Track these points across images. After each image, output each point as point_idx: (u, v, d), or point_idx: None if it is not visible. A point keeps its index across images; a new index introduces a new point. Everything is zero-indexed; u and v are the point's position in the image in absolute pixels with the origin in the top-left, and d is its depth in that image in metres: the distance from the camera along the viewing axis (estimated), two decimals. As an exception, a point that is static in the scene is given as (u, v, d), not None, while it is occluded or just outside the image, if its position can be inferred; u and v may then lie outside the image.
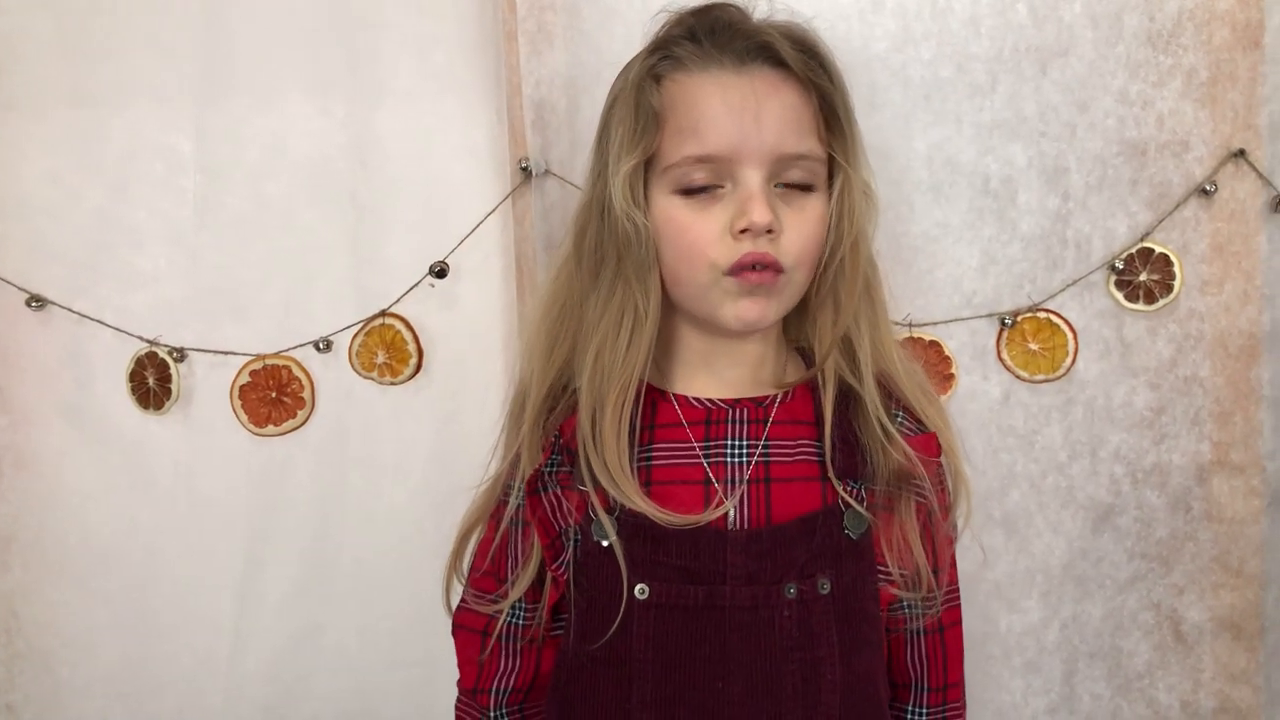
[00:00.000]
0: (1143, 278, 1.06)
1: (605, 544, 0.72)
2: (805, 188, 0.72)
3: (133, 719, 1.20)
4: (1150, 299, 1.06)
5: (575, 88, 1.07)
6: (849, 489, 0.74)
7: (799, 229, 0.71)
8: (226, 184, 1.13)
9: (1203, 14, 1.02)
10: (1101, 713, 1.12)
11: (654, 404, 0.77)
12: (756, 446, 0.75)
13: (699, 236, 0.70)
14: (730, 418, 0.76)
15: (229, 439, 1.15)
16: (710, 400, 0.77)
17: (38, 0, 1.13)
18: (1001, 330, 1.08)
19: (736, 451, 0.75)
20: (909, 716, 0.82)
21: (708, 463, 0.75)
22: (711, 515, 0.71)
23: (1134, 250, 1.05)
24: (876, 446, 0.74)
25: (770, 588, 0.71)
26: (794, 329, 0.80)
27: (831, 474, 0.73)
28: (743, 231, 0.69)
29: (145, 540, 1.18)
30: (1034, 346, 1.07)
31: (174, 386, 1.14)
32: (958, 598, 0.84)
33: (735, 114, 0.69)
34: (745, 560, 0.71)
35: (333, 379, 1.14)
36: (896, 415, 0.77)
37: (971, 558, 1.10)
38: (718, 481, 0.74)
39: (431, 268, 1.10)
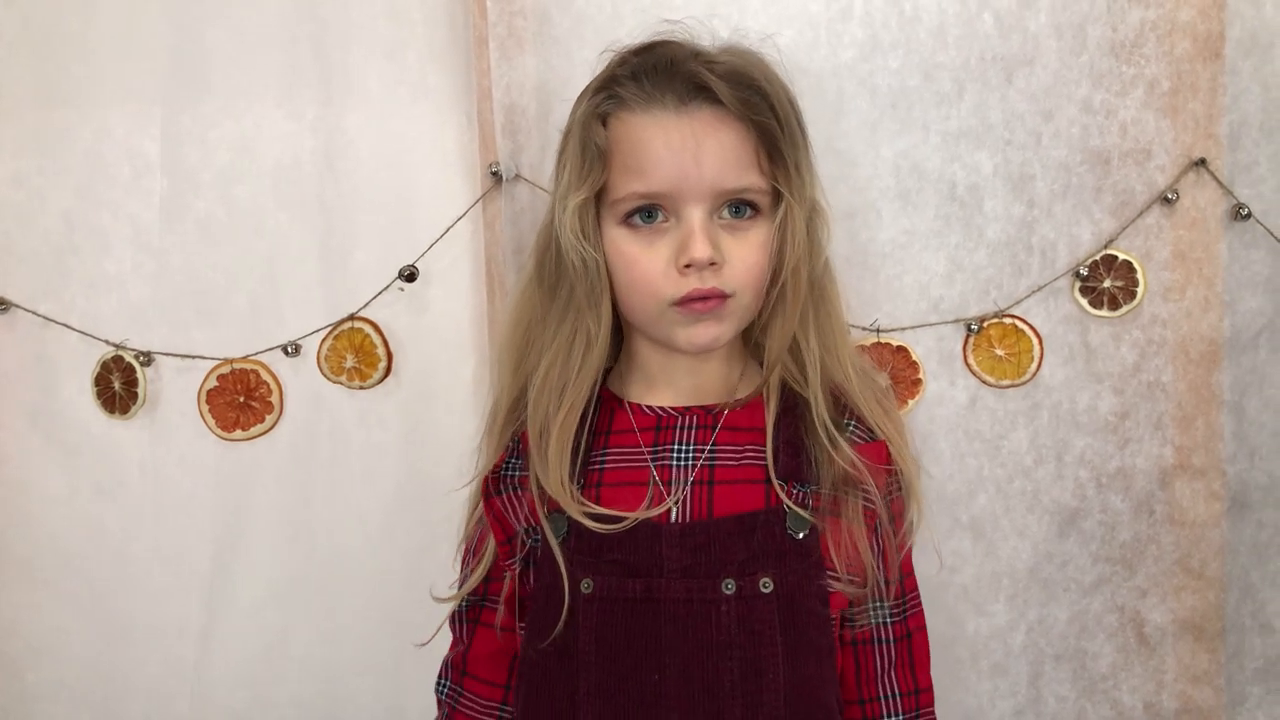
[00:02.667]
0: (1107, 284, 1.07)
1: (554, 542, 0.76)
2: (749, 215, 0.76)
3: (98, 725, 1.20)
4: (1114, 305, 1.07)
5: (546, 93, 1.07)
6: (794, 492, 0.76)
7: (742, 258, 0.74)
8: (194, 187, 1.12)
9: (1164, 25, 1.04)
10: (1067, 714, 1.13)
11: (612, 412, 0.81)
12: (703, 451, 0.77)
13: (646, 270, 0.74)
14: (680, 424, 0.80)
15: (196, 443, 1.15)
16: (663, 408, 0.81)
17: (4, 1, 1.12)
18: (968, 336, 1.09)
19: (682, 455, 0.78)
20: None
21: (655, 466, 0.78)
22: (647, 513, 0.74)
23: (1098, 257, 1.07)
24: (821, 452, 0.76)
25: (706, 582, 0.73)
26: (753, 340, 0.84)
27: (773, 476, 0.76)
28: (686, 266, 0.72)
29: (112, 545, 1.17)
30: (1000, 352, 1.09)
31: (141, 390, 1.13)
32: (919, 603, 0.85)
33: (675, 154, 0.72)
34: (680, 554, 0.74)
35: (301, 383, 1.14)
36: (848, 424, 0.80)
37: (937, 562, 1.12)
38: (663, 483, 0.77)
39: (401, 272, 1.10)
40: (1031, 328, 1.08)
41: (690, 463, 0.78)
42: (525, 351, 0.81)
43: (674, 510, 0.76)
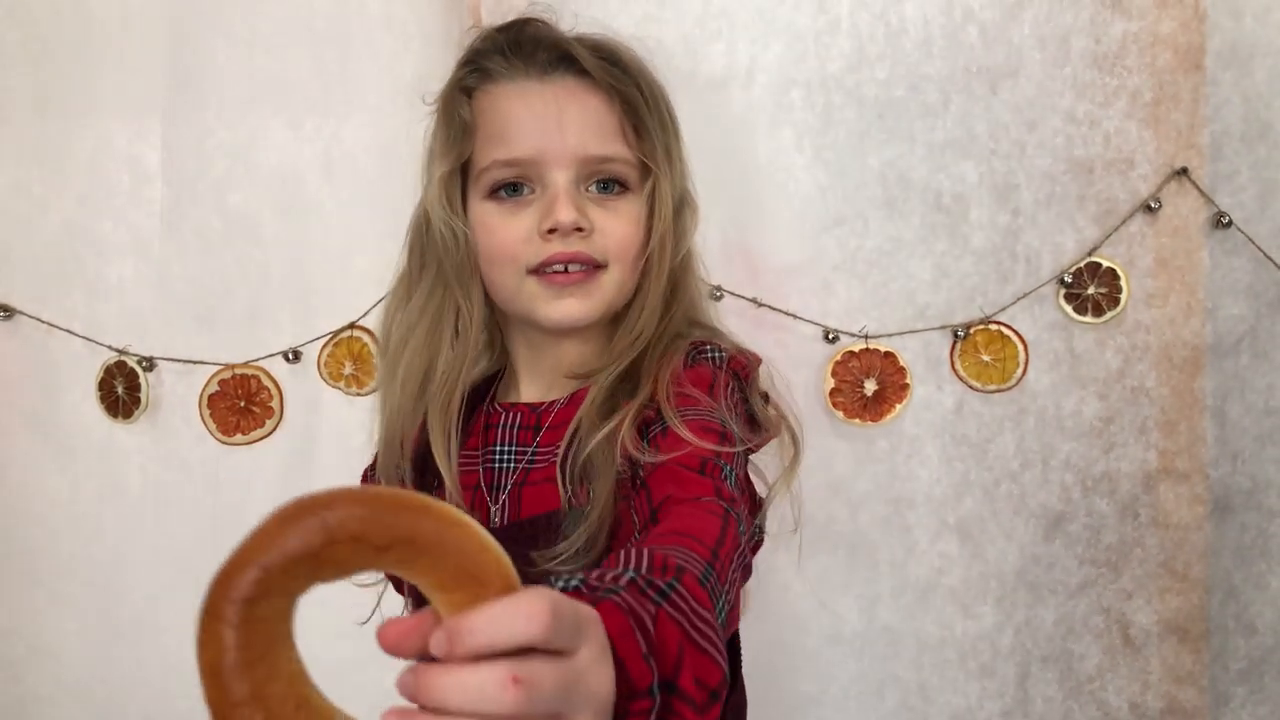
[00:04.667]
0: (1091, 291, 1.09)
1: None
2: (618, 191, 0.74)
3: (99, 726, 1.21)
4: (1098, 312, 1.09)
5: (540, 103, 1.09)
6: (586, 489, 0.70)
7: (613, 227, 0.73)
8: (194, 195, 1.14)
9: (1146, 37, 1.06)
10: (1053, 715, 1.14)
11: (476, 414, 0.79)
12: (526, 452, 0.75)
13: (506, 237, 0.72)
14: (502, 423, 0.77)
15: (197, 448, 1.16)
16: (493, 406, 0.79)
17: (4, 11, 1.15)
18: (954, 342, 1.11)
19: (504, 456, 0.76)
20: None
21: (482, 468, 0.77)
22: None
23: (1082, 264, 1.09)
24: (601, 449, 0.69)
25: None
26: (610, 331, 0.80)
27: (559, 476, 0.71)
28: (550, 231, 0.70)
29: (113, 548, 1.19)
30: (986, 358, 1.10)
31: (143, 395, 1.15)
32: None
33: (539, 119, 0.72)
34: None
35: (301, 389, 1.15)
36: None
37: (928, 564, 1.14)
38: (486, 487, 0.76)
39: (398, 279, 1.11)
40: (1017, 334, 1.10)
41: (511, 464, 0.76)
42: (399, 349, 0.78)
43: (494, 513, 0.74)
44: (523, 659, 0.33)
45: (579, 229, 0.71)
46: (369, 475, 0.82)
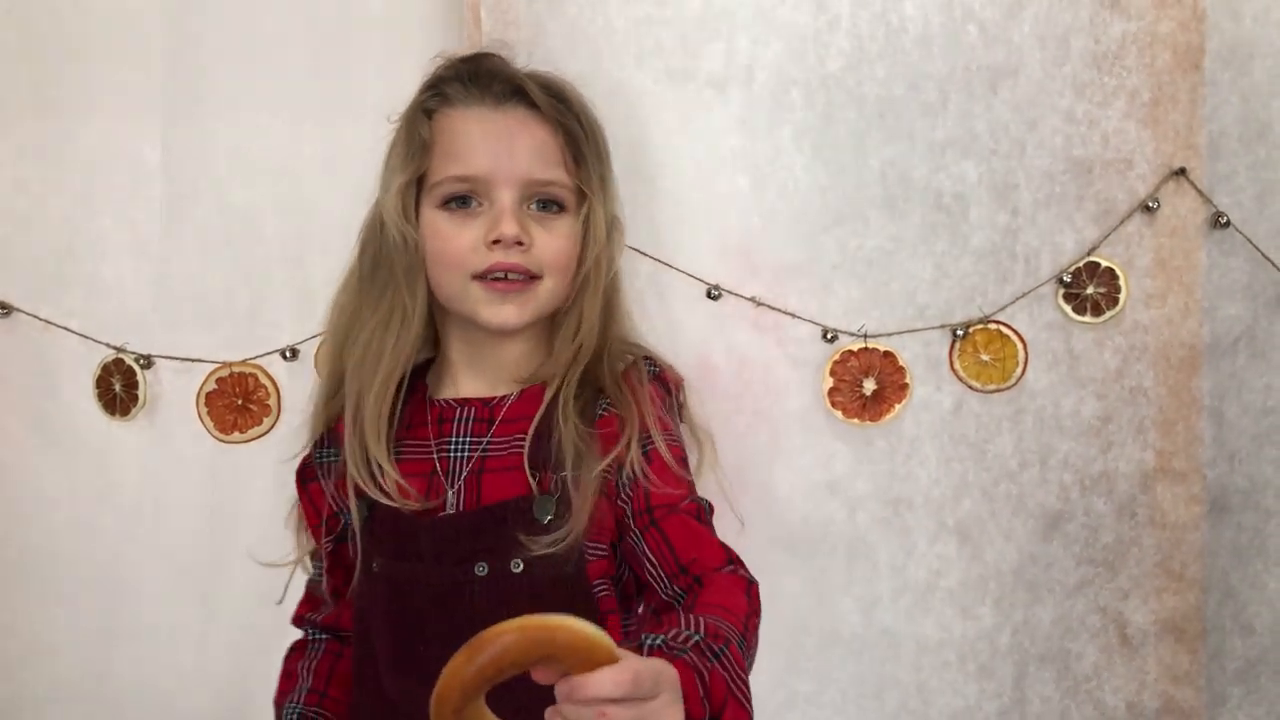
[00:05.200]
0: (1090, 291, 1.09)
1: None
2: (556, 211, 0.85)
3: (96, 725, 1.21)
4: (1097, 311, 1.09)
5: (539, 102, 1.09)
6: (552, 478, 0.82)
7: (549, 243, 0.83)
8: (193, 194, 1.14)
9: (1145, 37, 1.06)
10: (1051, 715, 1.15)
11: (417, 405, 0.88)
12: (480, 443, 0.84)
13: (457, 245, 0.82)
14: (457, 416, 0.86)
15: (195, 446, 1.16)
16: (445, 400, 0.87)
17: (2, 9, 1.14)
18: (954, 341, 1.11)
19: (459, 447, 0.85)
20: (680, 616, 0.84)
21: (437, 457, 0.85)
22: (424, 504, 0.81)
23: (1081, 264, 1.09)
24: (570, 438, 0.82)
25: (457, 567, 0.81)
26: (550, 338, 0.90)
27: (525, 464, 0.82)
28: (495, 242, 0.81)
29: (110, 546, 1.18)
30: (985, 357, 1.10)
31: (141, 393, 1.15)
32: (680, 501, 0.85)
33: (492, 143, 0.82)
34: (433, 542, 0.81)
35: (298, 387, 1.15)
36: (602, 404, 0.85)
37: (927, 565, 1.14)
38: (443, 474, 0.84)
39: (397, 277, 1.11)
40: (1016, 333, 1.10)
41: (465, 454, 0.84)
42: (345, 339, 0.88)
43: (450, 500, 0.82)
44: (613, 703, 0.53)
45: (519, 243, 0.81)
46: (302, 474, 0.92)
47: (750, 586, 0.79)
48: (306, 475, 0.92)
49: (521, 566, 0.79)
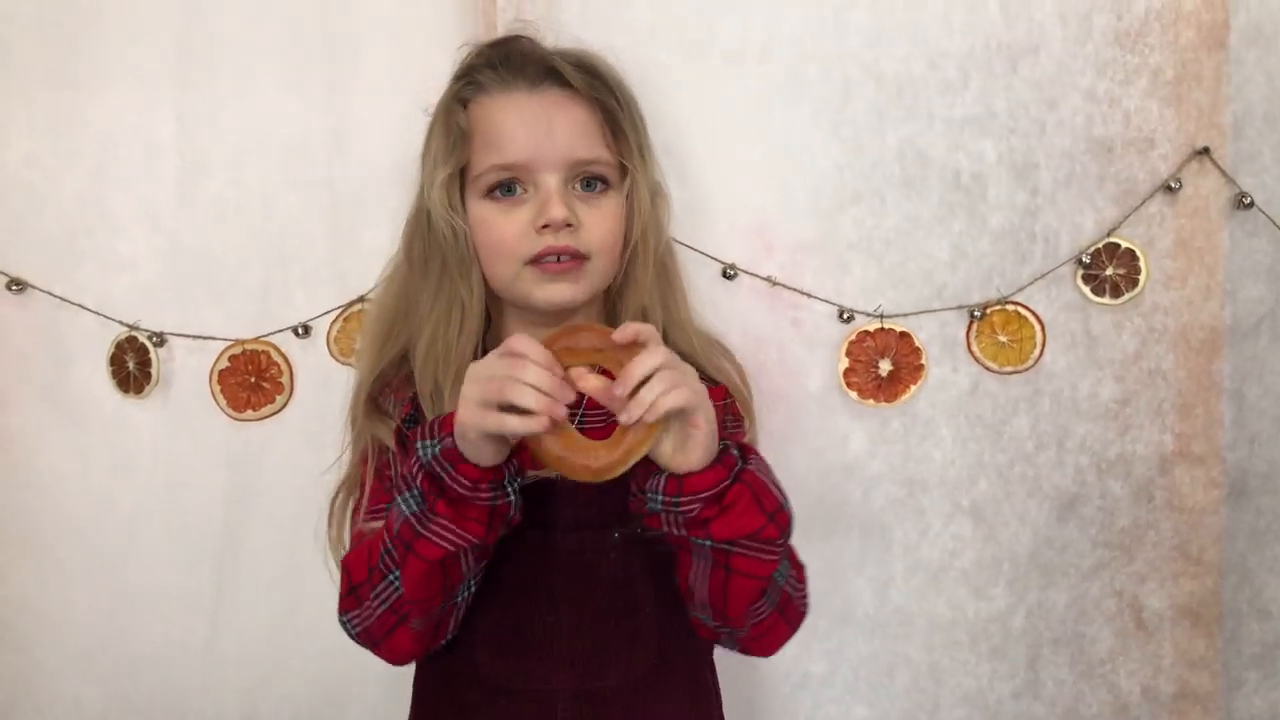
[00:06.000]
0: (1109, 272, 1.08)
1: None
2: (600, 189, 0.84)
3: (108, 700, 1.21)
4: (1116, 293, 1.08)
5: (554, 78, 1.08)
6: None
7: (597, 223, 0.82)
8: (206, 169, 1.13)
9: (1169, 14, 1.05)
10: (1064, 698, 1.14)
11: None
12: (575, 415, 0.81)
13: (505, 233, 0.81)
14: None
15: (208, 423, 1.16)
16: None
17: (17, -15, 1.14)
18: (971, 322, 1.10)
19: None
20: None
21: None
22: (545, 473, 0.79)
23: (1100, 245, 1.07)
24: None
25: (596, 533, 0.81)
26: (611, 313, 0.90)
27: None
28: (544, 227, 0.80)
29: (123, 522, 1.19)
30: (1003, 338, 1.10)
31: (154, 370, 1.15)
32: None
33: (530, 128, 0.81)
34: (572, 510, 0.81)
35: (311, 364, 1.15)
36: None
37: (941, 546, 1.13)
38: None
39: (410, 255, 1.11)
40: (1034, 314, 1.09)
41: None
42: (390, 335, 0.88)
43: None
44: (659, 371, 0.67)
45: (568, 224, 0.80)
46: (400, 437, 0.86)
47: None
48: (404, 441, 0.88)
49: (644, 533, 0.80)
